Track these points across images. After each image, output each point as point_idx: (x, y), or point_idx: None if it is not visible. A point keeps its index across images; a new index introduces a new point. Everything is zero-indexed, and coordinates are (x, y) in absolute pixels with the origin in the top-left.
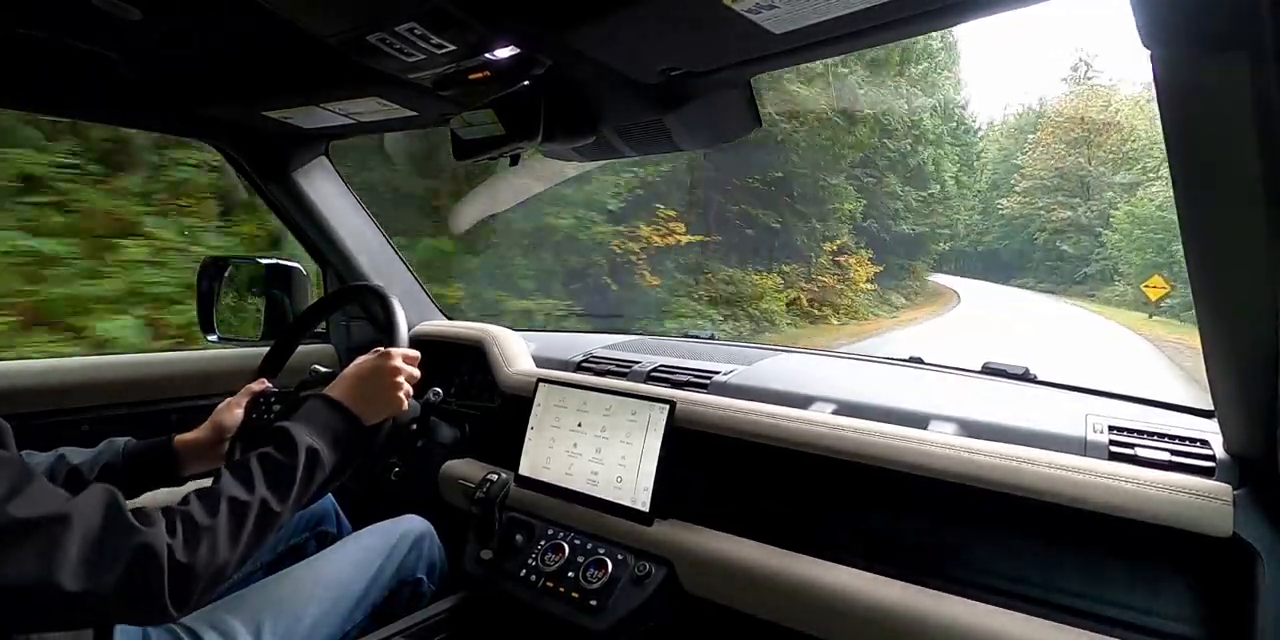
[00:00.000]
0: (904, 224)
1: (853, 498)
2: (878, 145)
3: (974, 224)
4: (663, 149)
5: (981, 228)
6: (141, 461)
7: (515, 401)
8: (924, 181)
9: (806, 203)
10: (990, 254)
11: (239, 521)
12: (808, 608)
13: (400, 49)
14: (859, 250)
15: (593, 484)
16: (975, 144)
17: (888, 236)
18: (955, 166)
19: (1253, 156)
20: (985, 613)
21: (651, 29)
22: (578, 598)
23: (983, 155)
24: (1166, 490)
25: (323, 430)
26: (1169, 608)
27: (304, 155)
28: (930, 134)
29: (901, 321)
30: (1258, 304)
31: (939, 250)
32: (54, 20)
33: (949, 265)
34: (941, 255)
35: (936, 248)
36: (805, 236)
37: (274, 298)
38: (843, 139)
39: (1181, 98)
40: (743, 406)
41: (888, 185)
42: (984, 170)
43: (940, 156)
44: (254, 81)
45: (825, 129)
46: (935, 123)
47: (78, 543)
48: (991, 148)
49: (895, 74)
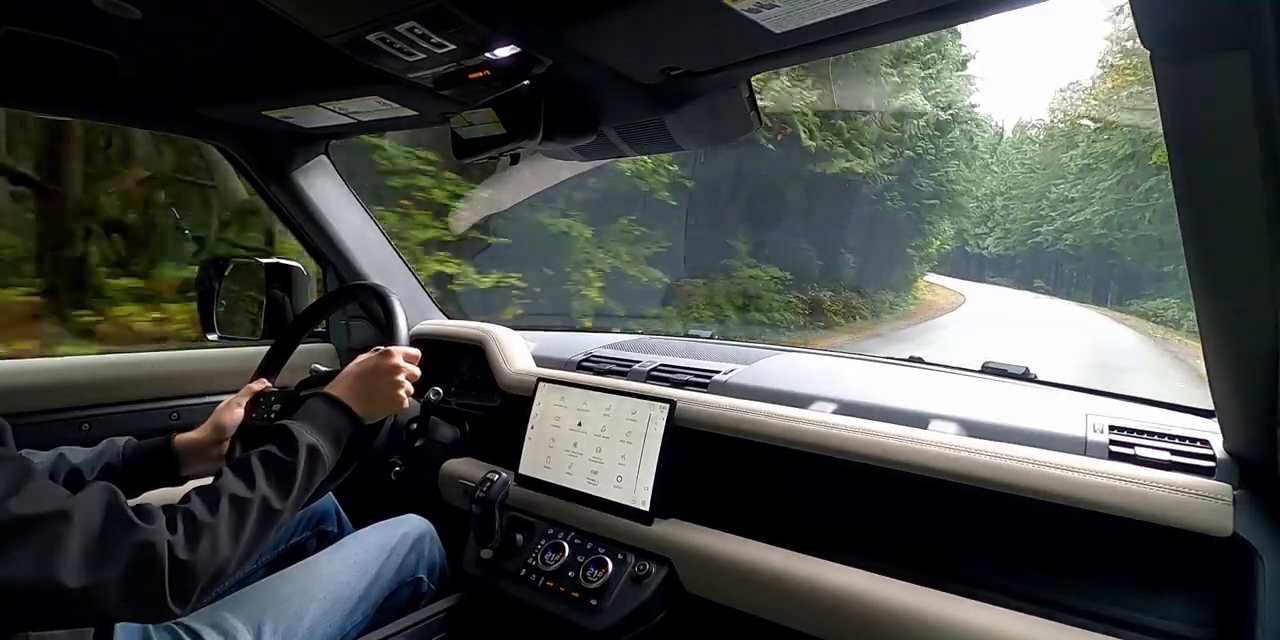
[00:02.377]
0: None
1: (853, 497)
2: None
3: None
4: (663, 149)
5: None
6: (142, 461)
7: (515, 401)
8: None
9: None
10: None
11: (240, 519)
12: (808, 607)
13: (400, 48)
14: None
15: (593, 483)
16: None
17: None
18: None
19: (1253, 156)
20: (985, 612)
21: (651, 28)
22: (578, 597)
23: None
24: (1167, 490)
25: (324, 428)
26: (1169, 607)
27: (304, 155)
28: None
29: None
30: (1258, 304)
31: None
32: (54, 20)
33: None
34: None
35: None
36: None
37: (274, 297)
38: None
39: (1181, 98)
40: (743, 406)
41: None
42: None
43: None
44: (254, 81)
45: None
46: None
47: (79, 540)
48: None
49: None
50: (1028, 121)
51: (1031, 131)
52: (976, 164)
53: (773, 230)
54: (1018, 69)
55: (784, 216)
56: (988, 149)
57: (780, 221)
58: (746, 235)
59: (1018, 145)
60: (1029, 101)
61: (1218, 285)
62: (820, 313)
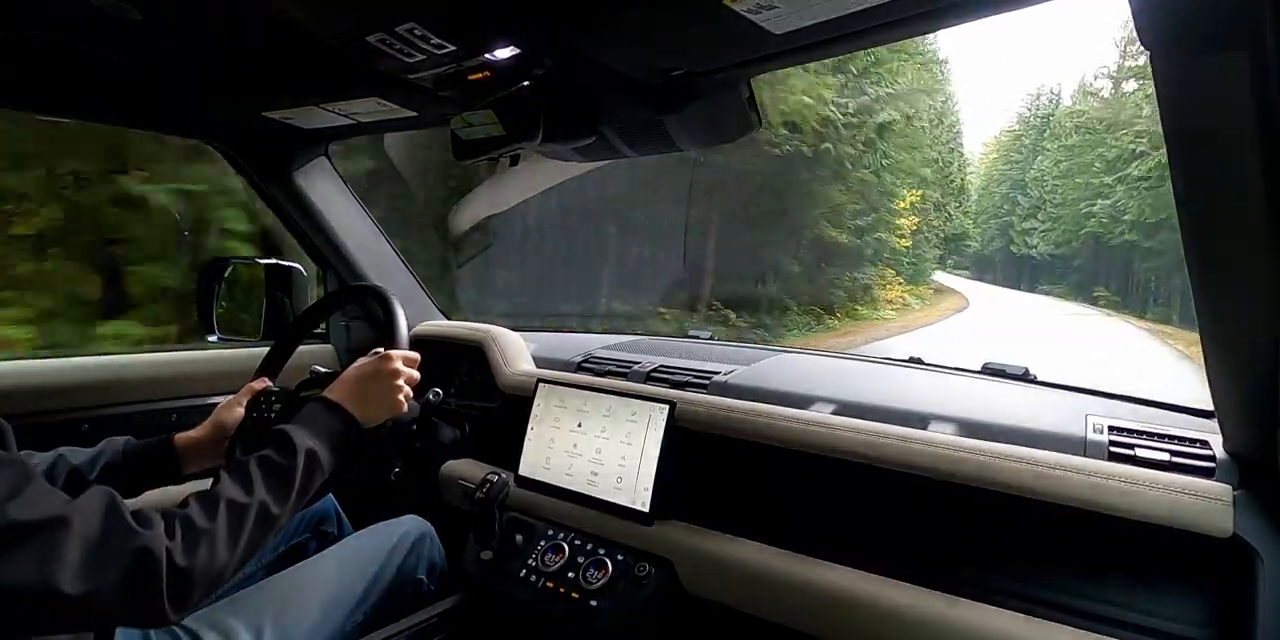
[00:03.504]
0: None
1: (853, 498)
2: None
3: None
4: (663, 149)
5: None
6: (142, 460)
7: (515, 402)
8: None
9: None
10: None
11: (238, 524)
12: (808, 608)
13: (400, 49)
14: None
15: (593, 484)
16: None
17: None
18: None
19: (1253, 156)
20: (985, 612)
21: (652, 29)
22: (578, 598)
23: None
24: (1167, 491)
25: (322, 433)
26: (1169, 608)
27: (304, 156)
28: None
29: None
30: (1258, 304)
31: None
32: (54, 21)
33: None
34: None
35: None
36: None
37: (274, 298)
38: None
39: (1181, 98)
40: (743, 407)
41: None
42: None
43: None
44: (254, 82)
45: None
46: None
47: (77, 545)
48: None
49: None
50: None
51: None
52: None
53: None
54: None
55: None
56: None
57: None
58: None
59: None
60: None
61: (1218, 285)
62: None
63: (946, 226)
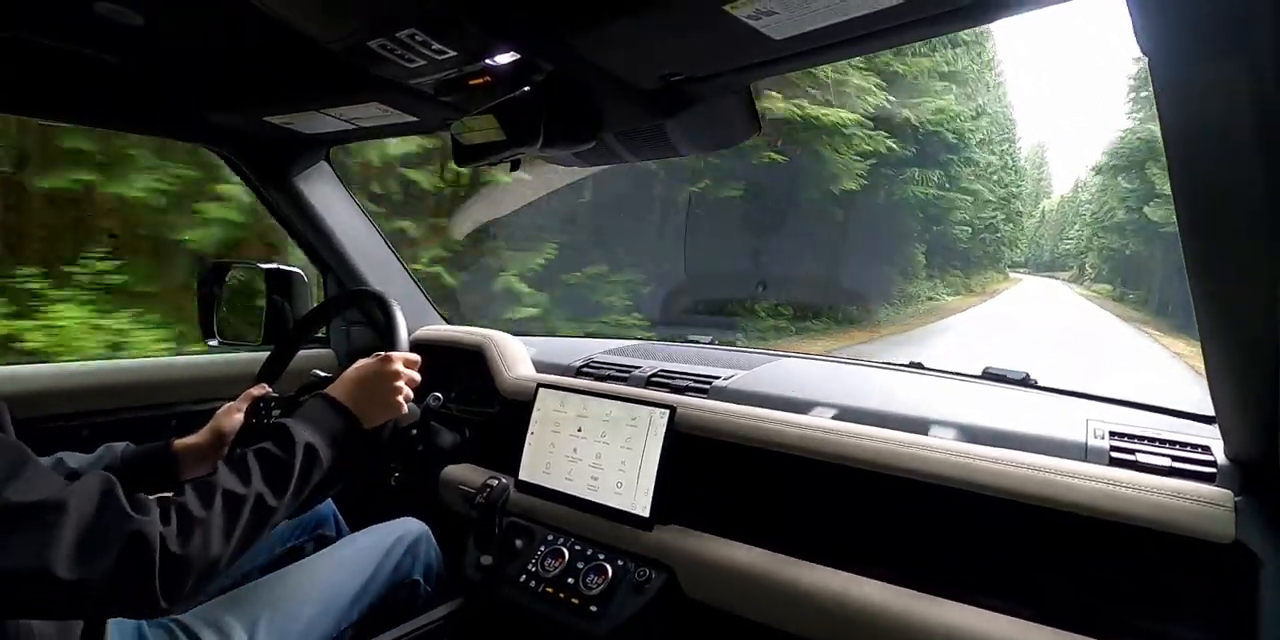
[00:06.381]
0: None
1: (853, 503)
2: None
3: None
4: (663, 154)
5: None
6: (140, 466)
7: (515, 406)
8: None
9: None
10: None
11: (234, 515)
12: (809, 613)
13: (401, 55)
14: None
15: (593, 489)
16: None
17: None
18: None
19: (1252, 159)
20: (988, 618)
21: (652, 34)
22: (578, 604)
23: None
24: (1168, 496)
25: (322, 429)
26: (1171, 614)
27: (305, 160)
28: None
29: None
30: (1258, 308)
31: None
32: (57, 26)
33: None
34: None
35: None
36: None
37: (274, 303)
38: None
39: (1181, 101)
40: (743, 412)
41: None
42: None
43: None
44: (255, 87)
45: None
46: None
47: (73, 529)
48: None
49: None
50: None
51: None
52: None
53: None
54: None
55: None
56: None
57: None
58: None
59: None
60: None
61: (1218, 289)
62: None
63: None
